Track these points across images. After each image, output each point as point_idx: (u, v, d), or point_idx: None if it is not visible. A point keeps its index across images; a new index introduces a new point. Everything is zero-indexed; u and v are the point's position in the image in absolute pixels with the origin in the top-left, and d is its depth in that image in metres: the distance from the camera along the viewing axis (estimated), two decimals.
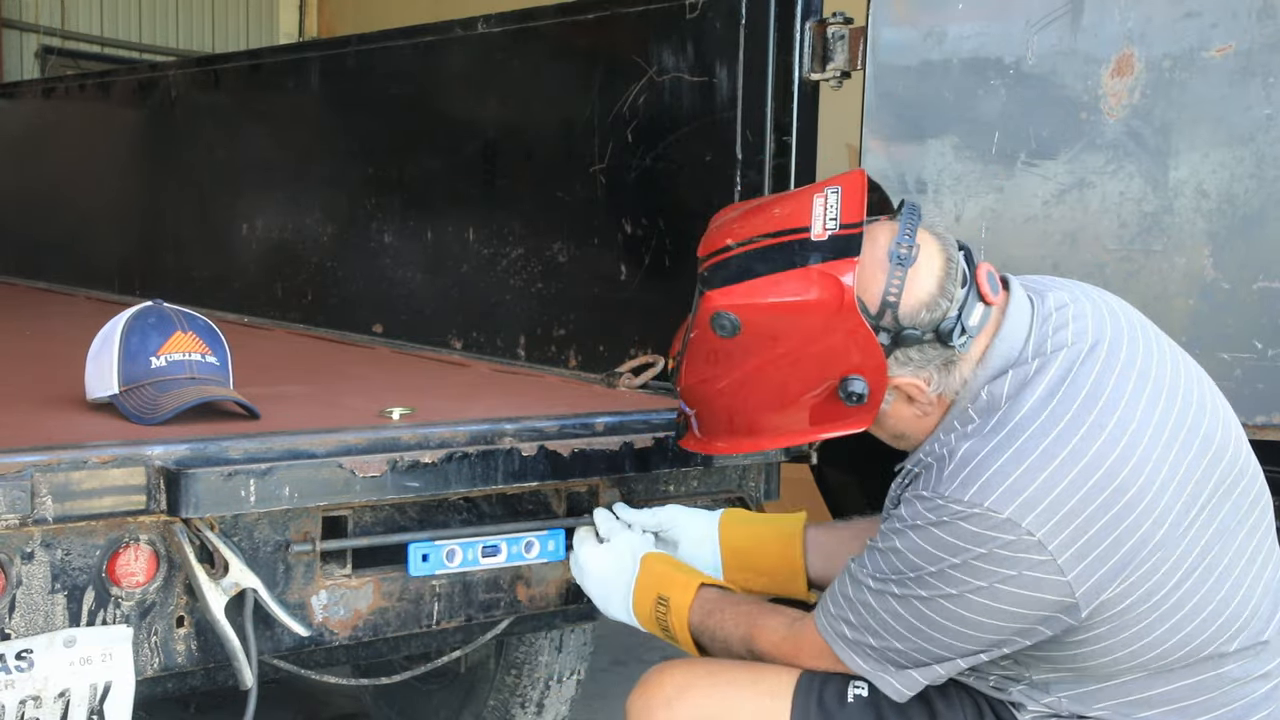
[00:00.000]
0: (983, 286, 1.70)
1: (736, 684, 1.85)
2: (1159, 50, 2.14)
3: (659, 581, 1.99)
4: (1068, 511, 1.57)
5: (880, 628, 1.70)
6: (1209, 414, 1.70)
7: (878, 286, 1.65)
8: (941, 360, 1.68)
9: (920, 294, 1.66)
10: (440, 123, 3.15)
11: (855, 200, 1.69)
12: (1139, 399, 1.65)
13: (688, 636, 1.95)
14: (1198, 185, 2.14)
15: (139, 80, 4.45)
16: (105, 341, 2.12)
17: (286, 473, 1.82)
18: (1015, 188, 2.25)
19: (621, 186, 2.67)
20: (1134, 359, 1.69)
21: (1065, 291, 1.78)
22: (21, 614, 1.74)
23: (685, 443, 1.93)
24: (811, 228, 1.68)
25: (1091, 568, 1.58)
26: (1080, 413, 1.62)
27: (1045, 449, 1.60)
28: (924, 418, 1.74)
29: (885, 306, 1.65)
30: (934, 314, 1.66)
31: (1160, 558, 1.60)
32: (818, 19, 2.37)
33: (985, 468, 1.61)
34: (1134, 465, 1.60)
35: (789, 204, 1.75)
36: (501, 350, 2.96)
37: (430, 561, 2.01)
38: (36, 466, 1.69)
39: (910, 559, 1.65)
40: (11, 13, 9.01)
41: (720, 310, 1.69)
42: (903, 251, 1.66)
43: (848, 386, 1.68)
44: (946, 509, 1.61)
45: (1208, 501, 1.65)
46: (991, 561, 1.59)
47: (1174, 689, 1.67)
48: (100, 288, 4.40)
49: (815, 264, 1.65)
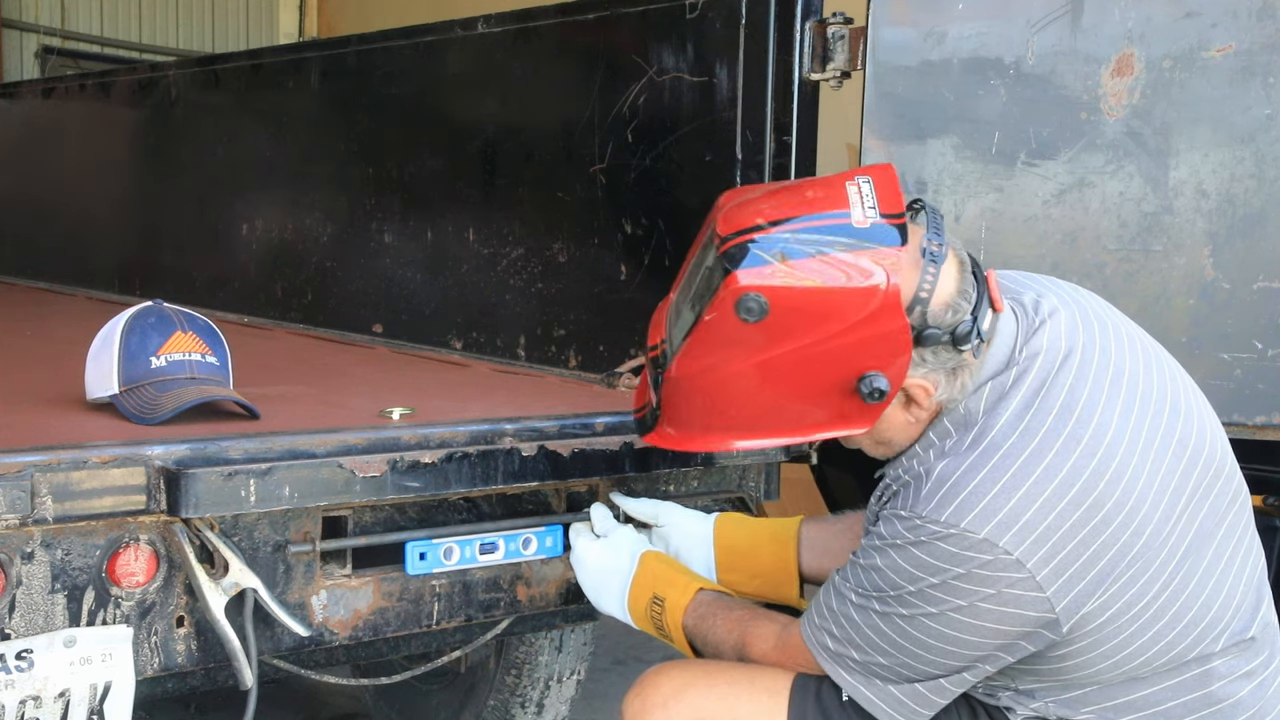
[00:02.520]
0: (993, 292, 1.67)
1: (733, 684, 1.85)
2: (1159, 50, 2.14)
3: (656, 581, 2.00)
4: (1045, 528, 1.56)
5: (864, 642, 1.69)
6: (1183, 417, 1.69)
7: (911, 282, 1.60)
8: (952, 365, 1.64)
9: (945, 294, 1.62)
10: (440, 123, 3.15)
11: (892, 190, 1.63)
12: (1114, 407, 1.63)
13: (682, 637, 1.95)
14: (1198, 185, 2.14)
15: (139, 80, 4.45)
16: (105, 341, 2.12)
17: (286, 473, 1.82)
18: (1015, 188, 2.25)
19: (621, 186, 2.67)
20: (1106, 365, 1.67)
21: (1036, 289, 1.76)
22: (21, 614, 1.74)
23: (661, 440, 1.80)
24: (852, 213, 1.60)
25: (1070, 583, 1.58)
26: (1056, 425, 1.60)
27: (1021, 466, 1.58)
28: (913, 425, 1.71)
29: (916, 303, 1.60)
30: (955, 316, 1.62)
31: (1139, 568, 1.60)
32: (818, 19, 2.37)
33: (961, 487, 1.59)
34: (1111, 477, 1.58)
35: (820, 188, 1.66)
36: (501, 350, 2.96)
37: (428, 560, 2.01)
38: (36, 466, 1.69)
39: (890, 577, 1.63)
40: (11, 13, 9.01)
41: (749, 292, 1.58)
42: (934, 249, 1.61)
43: (871, 382, 1.60)
44: (924, 529, 1.60)
45: (1186, 507, 1.64)
46: (971, 581, 1.58)
47: (1160, 690, 1.67)
48: (100, 288, 4.40)
49: (858, 253, 1.57)
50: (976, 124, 2.26)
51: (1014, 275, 1.81)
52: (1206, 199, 2.14)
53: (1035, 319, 1.70)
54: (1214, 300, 2.14)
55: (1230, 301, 2.14)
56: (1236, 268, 2.13)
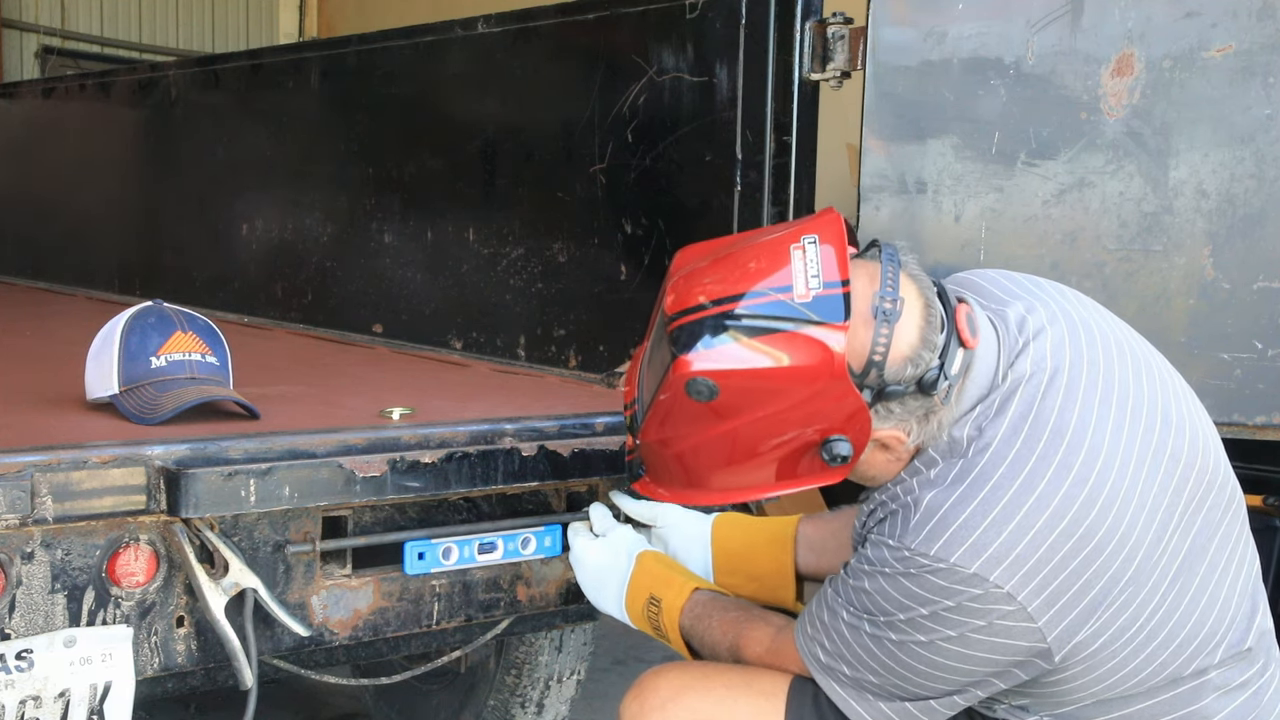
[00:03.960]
0: (963, 331, 1.61)
1: (730, 687, 1.84)
2: (1159, 50, 2.14)
3: (653, 581, 2.00)
4: (1036, 561, 1.54)
5: (854, 659, 1.68)
6: (1175, 428, 1.66)
7: (863, 346, 1.56)
8: (922, 411, 1.61)
9: (904, 348, 1.57)
10: (440, 123, 3.15)
11: (838, 250, 1.58)
12: (1105, 427, 1.60)
13: (678, 638, 1.96)
14: (1198, 185, 2.14)
15: (139, 80, 4.45)
16: (105, 341, 2.12)
17: (286, 473, 1.82)
18: (1015, 188, 2.24)
19: (621, 186, 2.67)
20: (1095, 382, 1.64)
21: (1024, 300, 1.72)
22: (21, 614, 1.74)
23: (650, 493, 1.82)
24: (794, 287, 1.56)
25: (1062, 613, 1.56)
26: (1046, 453, 1.57)
27: (1011, 499, 1.55)
28: (895, 462, 1.68)
29: (870, 366, 1.56)
30: (917, 368, 1.58)
31: (1132, 593, 1.58)
32: (818, 19, 2.37)
33: (950, 521, 1.56)
34: (1102, 504, 1.56)
35: (764, 256, 1.61)
36: (501, 350, 2.96)
37: (426, 559, 2.01)
38: (36, 466, 1.69)
39: (880, 603, 1.62)
40: (11, 13, 9.01)
41: (697, 376, 1.57)
42: (887, 306, 1.56)
43: (832, 449, 1.59)
44: (913, 561, 1.58)
45: (1179, 523, 1.62)
46: (961, 613, 1.57)
47: (1156, 704, 1.66)
48: (100, 288, 4.40)
49: (801, 330, 1.54)
50: (976, 124, 2.26)
51: (1002, 281, 1.77)
52: (1206, 199, 2.14)
53: (1019, 339, 1.66)
54: (1214, 300, 2.14)
55: (1230, 301, 2.13)
56: (1236, 268, 2.13)
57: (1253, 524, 1.78)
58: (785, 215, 2.41)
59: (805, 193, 2.42)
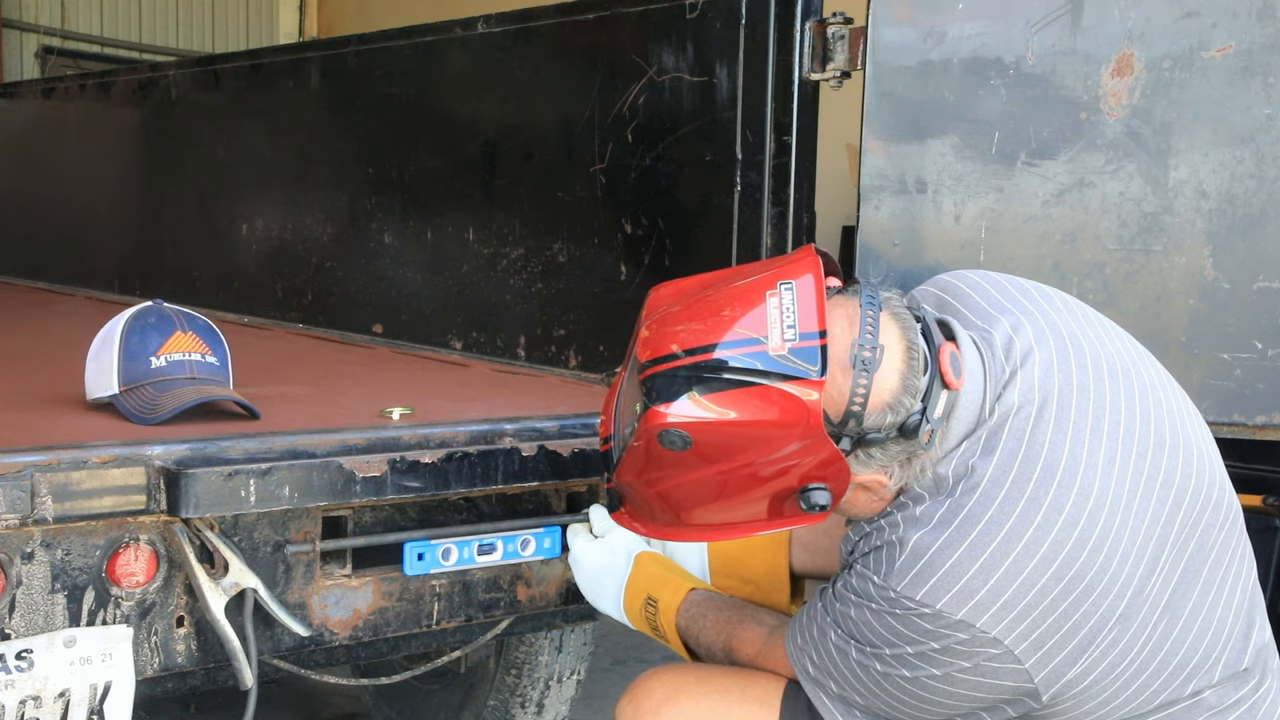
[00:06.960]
0: (946, 374, 1.57)
1: (724, 692, 1.84)
2: (1159, 50, 2.14)
3: (651, 582, 2.00)
4: (1024, 606, 1.52)
5: (840, 679, 1.67)
6: (1169, 449, 1.62)
7: (841, 395, 1.52)
8: (904, 455, 1.57)
9: (884, 395, 1.53)
10: (440, 123, 3.15)
11: (814, 299, 1.52)
12: (1096, 463, 1.56)
13: (676, 638, 1.96)
14: (1198, 185, 2.14)
15: (139, 80, 4.45)
16: (105, 341, 2.12)
17: (286, 473, 1.82)
18: (1015, 188, 2.24)
19: (621, 186, 2.67)
20: (1086, 410, 1.59)
21: (1010, 319, 1.66)
22: (21, 614, 1.74)
23: (630, 527, 1.77)
24: (769, 339, 1.51)
25: (1050, 655, 1.55)
26: (1037, 494, 1.53)
27: (1000, 544, 1.52)
28: (879, 501, 1.65)
29: (849, 416, 1.53)
30: (898, 415, 1.54)
31: (1121, 630, 1.56)
32: (818, 19, 2.37)
33: (937, 566, 1.53)
34: (1093, 546, 1.53)
35: (739, 303, 1.55)
36: (501, 350, 2.96)
37: (426, 560, 2.01)
38: (36, 466, 1.69)
39: (866, 634, 1.61)
40: (11, 13, 9.02)
41: (669, 428, 1.52)
42: (866, 355, 1.52)
43: (810, 499, 1.56)
44: (899, 603, 1.56)
45: (1170, 554, 1.60)
46: (948, 654, 1.56)
47: None
48: (100, 288, 4.40)
49: (776, 384, 1.49)
50: (976, 124, 2.26)
51: (987, 289, 1.72)
52: (1206, 199, 2.14)
53: (1006, 368, 1.61)
54: (1214, 300, 2.14)
55: (1230, 301, 2.13)
56: (1236, 268, 2.13)
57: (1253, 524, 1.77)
58: (785, 215, 2.41)
59: (805, 193, 2.42)
